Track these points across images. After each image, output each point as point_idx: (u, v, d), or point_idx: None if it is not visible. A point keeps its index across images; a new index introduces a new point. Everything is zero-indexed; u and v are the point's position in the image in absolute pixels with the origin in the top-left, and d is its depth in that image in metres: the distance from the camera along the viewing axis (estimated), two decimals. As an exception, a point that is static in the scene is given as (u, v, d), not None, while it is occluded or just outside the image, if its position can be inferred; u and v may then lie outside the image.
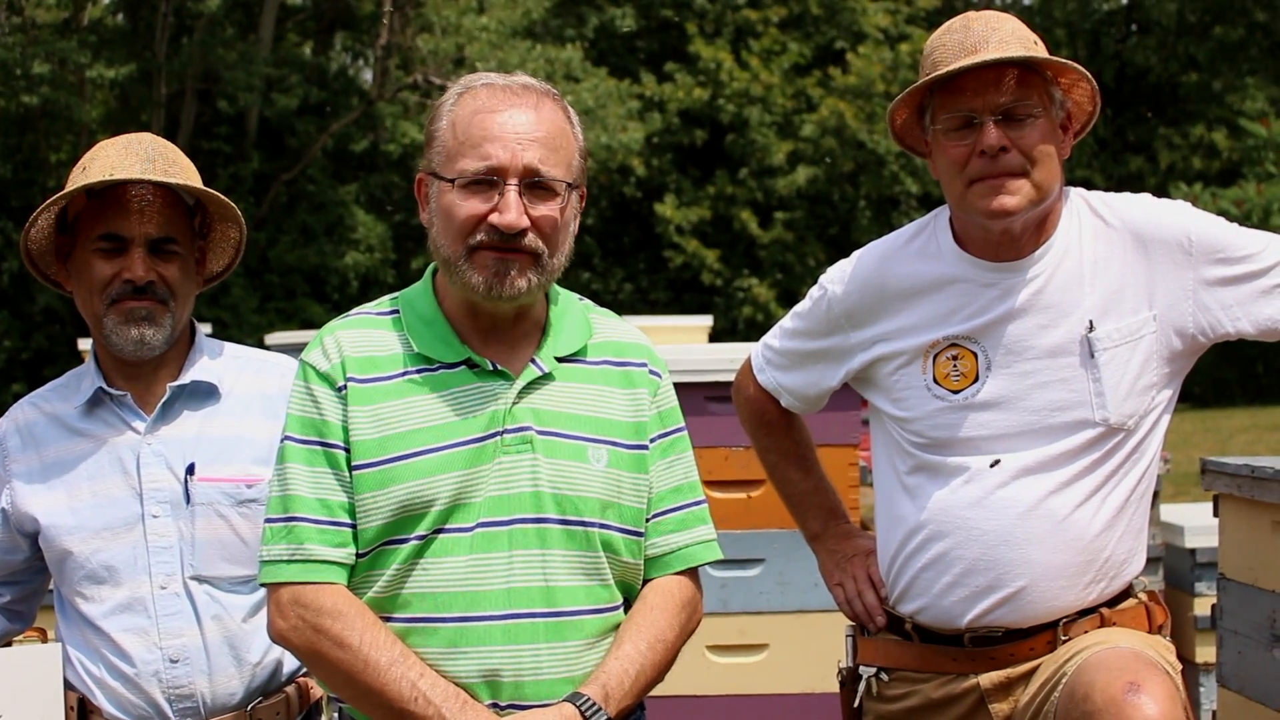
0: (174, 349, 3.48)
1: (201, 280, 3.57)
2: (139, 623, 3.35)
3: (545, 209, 2.94)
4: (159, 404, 3.44)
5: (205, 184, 3.47)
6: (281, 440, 3.01)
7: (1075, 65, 3.30)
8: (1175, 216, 3.35)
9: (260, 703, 3.41)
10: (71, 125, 26.83)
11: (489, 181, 2.92)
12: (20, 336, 25.58)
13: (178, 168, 3.41)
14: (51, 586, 3.53)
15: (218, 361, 3.53)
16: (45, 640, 3.54)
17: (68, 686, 3.40)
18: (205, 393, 3.48)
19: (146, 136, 3.47)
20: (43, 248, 3.51)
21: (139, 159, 3.38)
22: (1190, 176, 28.88)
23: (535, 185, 2.94)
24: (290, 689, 3.46)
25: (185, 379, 3.46)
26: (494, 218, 2.91)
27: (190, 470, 3.39)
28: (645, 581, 3.09)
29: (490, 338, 3.02)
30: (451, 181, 2.95)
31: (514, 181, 2.92)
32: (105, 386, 3.45)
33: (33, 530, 3.43)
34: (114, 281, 3.38)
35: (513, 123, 2.94)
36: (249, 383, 3.52)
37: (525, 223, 2.92)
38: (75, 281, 3.46)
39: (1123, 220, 3.35)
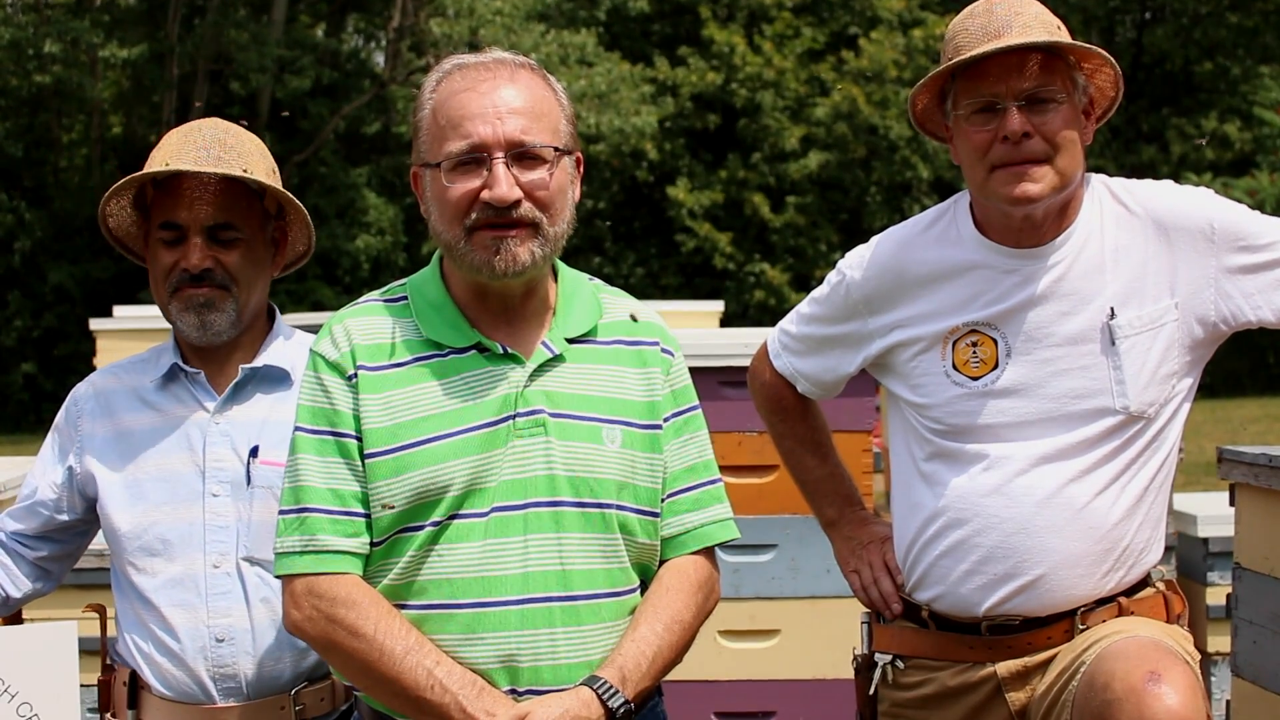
0: (249, 332, 3.52)
1: (281, 263, 3.60)
2: (188, 599, 3.36)
3: (535, 175, 2.93)
4: (230, 385, 3.47)
5: None
6: (293, 431, 3.01)
7: (1099, 50, 3.28)
8: (1198, 203, 3.33)
9: (304, 688, 3.41)
10: (83, 105, 26.90)
11: (476, 159, 2.92)
12: (31, 315, 25.63)
13: (235, 153, 3.42)
14: (102, 565, 3.55)
15: (294, 350, 3.55)
16: (105, 619, 3.56)
17: (121, 662, 3.44)
18: (277, 378, 3.51)
19: (210, 123, 3.49)
20: (130, 234, 3.57)
21: (195, 148, 3.40)
22: (1202, 167, 28.84)
23: (522, 155, 2.93)
24: (335, 677, 3.45)
25: (258, 362, 3.50)
26: (485, 194, 2.90)
27: (254, 453, 3.41)
28: (661, 562, 3.08)
29: (500, 321, 3.01)
30: (439, 166, 2.94)
31: (500, 155, 2.91)
32: (181, 364, 3.49)
33: (93, 494, 3.47)
34: (174, 270, 3.43)
35: (491, 97, 2.94)
36: None
37: (517, 194, 2.91)
38: (149, 268, 3.51)
39: (1145, 207, 3.34)
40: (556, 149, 2.96)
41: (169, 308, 3.46)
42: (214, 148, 3.40)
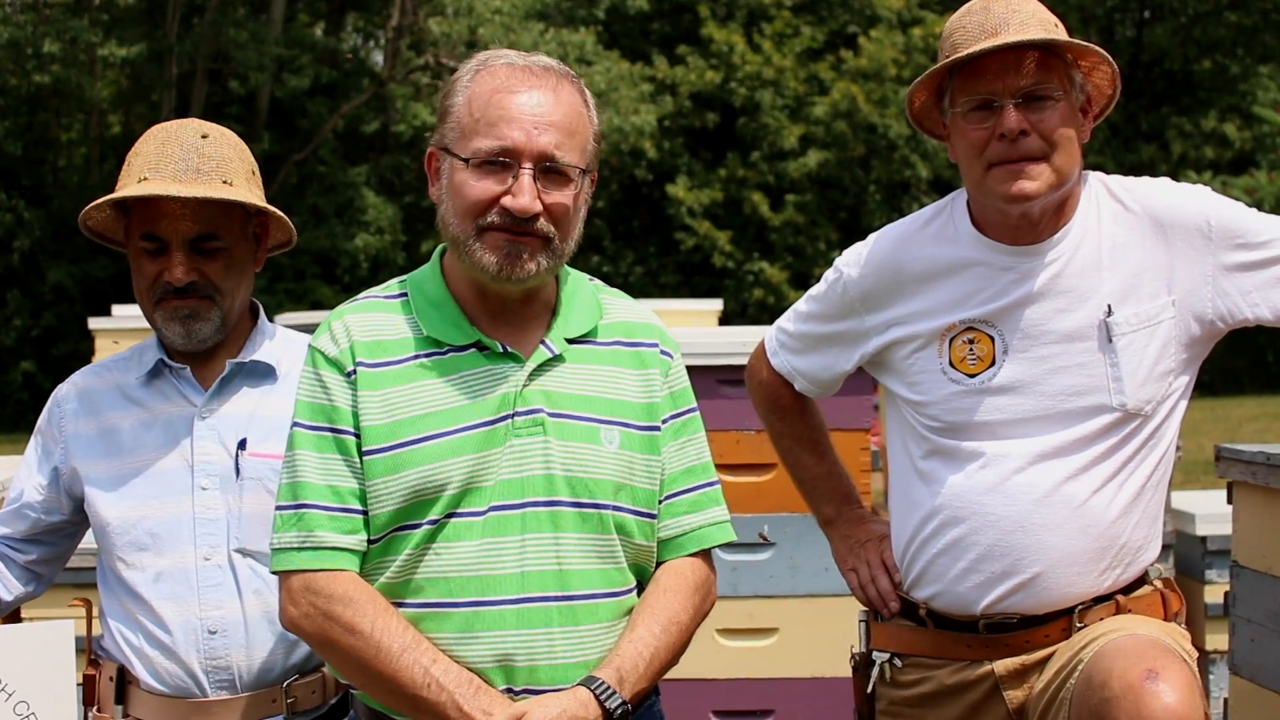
0: (235, 328, 3.51)
1: (264, 257, 3.59)
2: (180, 592, 3.36)
3: (559, 195, 2.92)
4: (217, 380, 3.47)
5: None
6: (291, 427, 3.00)
7: (1096, 48, 3.28)
8: (1195, 201, 3.33)
9: (296, 680, 3.41)
10: (82, 104, 26.93)
11: (503, 163, 2.90)
12: (30, 314, 25.65)
13: (213, 163, 3.40)
14: (93, 564, 3.55)
15: (278, 345, 3.55)
16: (90, 613, 3.56)
17: (107, 657, 3.43)
18: (263, 373, 3.51)
19: (188, 131, 3.45)
20: (111, 227, 3.55)
21: (173, 160, 3.38)
22: (1202, 165, 28.86)
23: (549, 170, 2.91)
24: (327, 669, 3.46)
25: (245, 357, 3.50)
26: (507, 200, 2.89)
27: (242, 445, 3.41)
28: (658, 564, 3.07)
29: (500, 319, 3.00)
30: (465, 160, 2.92)
31: (528, 165, 2.89)
32: (166, 359, 3.48)
33: (80, 493, 3.47)
34: (158, 281, 3.42)
35: (530, 104, 2.91)
36: None
37: (538, 207, 2.89)
38: (132, 272, 3.50)
39: (1142, 205, 3.33)
40: (582, 170, 2.96)
41: (154, 316, 3.45)
42: (192, 157, 3.38)
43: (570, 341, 3.02)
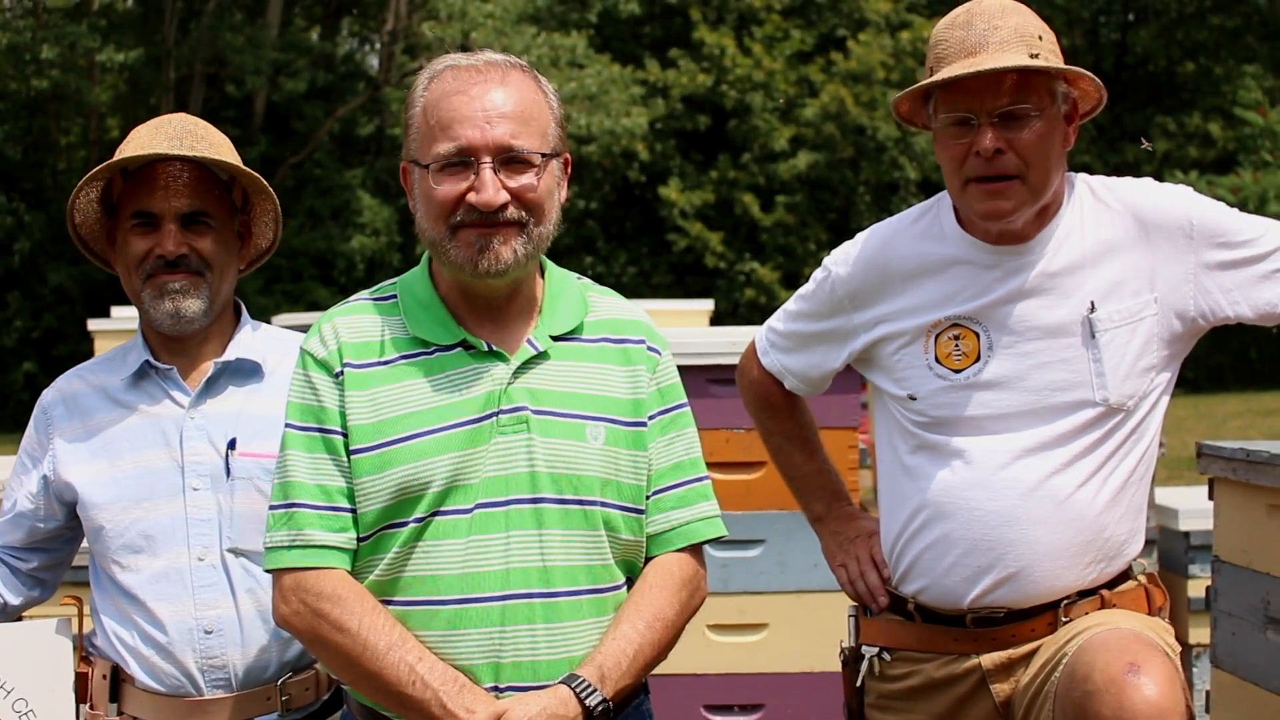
0: (218, 325, 3.53)
1: (248, 255, 3.62)
2: (175, 592, 3.37)
3: (523, 180, 2.95)
4: (204, 379, 3.48)
5: None
6: (284, 428, 3.03)
7: (1076, 69, 3.29)
8: (1177, 200, 3.36)
9: (290, 678, 3.43)
10: (81, 109, 26.91)
11: (463, 162, 2.93)
12: (31, 316, 25.63)
13: (206, 143, 3.45)
14: (85, 563, 3.57)
15: (262, 342, 3.57)
16: (81, 611, 3.58)
17: (99, 655, 3.44)
18: (249, 371, 3.52)
19: (178, 116, 3.52)
20: (94, 232, 3.57)
21: (167, 137, 3.43)
22: (1186, 165, 28.83)
23: (511, 160, 2.94)
24: (320, 666, 3.47)
25: (230, 356, 3.50)
26: (471, 196, 2.92)
27: (231, 445, 3.43)
28: (647, 559, 3.08)
29: (486, 318, 3.03)
30: (427, 167, 2.96)
31: (487, 159, 2.92)
32: (152, 360, 3.49)
33: (71, 499, 3.47)
34: (148, 257, 3.44)
35: (480, 101, 2.95)
36: (291, 363, 3.55)
37: (503, 198, 2.92)
38: (118, 260, 3.52)
39: (1125, 204, 3.36)
40: (544, 154, 2.98)
41: (141, 295, 3.46)
42: (186, 138, 3.43)
43: (556, 339, 3.04)
